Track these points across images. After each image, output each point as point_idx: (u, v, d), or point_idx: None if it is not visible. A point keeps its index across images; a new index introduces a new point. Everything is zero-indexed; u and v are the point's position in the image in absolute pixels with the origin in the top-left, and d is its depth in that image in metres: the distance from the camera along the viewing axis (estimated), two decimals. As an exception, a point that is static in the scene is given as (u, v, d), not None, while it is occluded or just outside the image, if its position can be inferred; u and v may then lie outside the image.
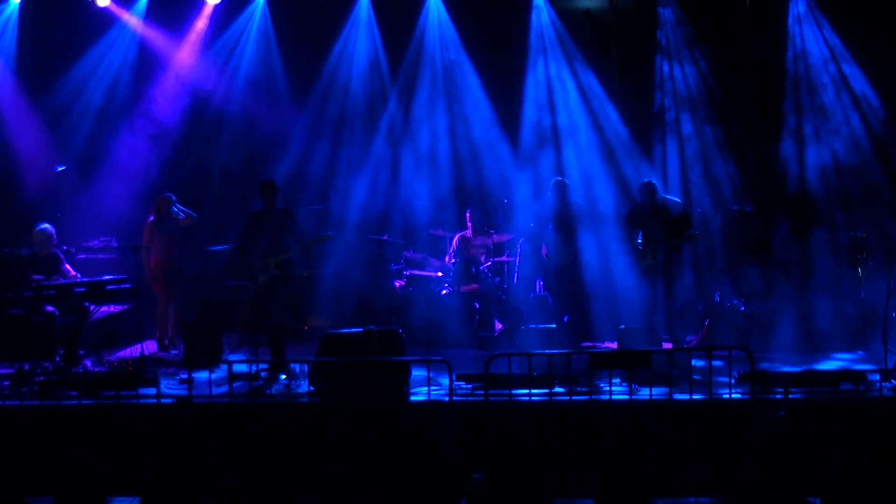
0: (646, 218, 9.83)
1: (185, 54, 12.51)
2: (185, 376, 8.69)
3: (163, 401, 8.17)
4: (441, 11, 12.44)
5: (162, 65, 12.55)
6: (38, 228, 10.01)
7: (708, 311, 10.31)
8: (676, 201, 10.17)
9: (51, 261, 10.01)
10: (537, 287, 11.15)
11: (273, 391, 8.50)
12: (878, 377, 8.06)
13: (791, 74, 11.83)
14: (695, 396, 7.91)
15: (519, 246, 11.11)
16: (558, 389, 8.09)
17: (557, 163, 11.82)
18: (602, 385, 8.23)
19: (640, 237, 9.93)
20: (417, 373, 8.54)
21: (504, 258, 11.15)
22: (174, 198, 10.78)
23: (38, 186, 12.02)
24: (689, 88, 11.96)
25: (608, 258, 10.61)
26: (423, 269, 11.28)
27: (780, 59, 11.88)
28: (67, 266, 10.09)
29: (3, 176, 12.19)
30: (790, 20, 11.90)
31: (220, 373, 8.68)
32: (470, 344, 10.61)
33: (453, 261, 11.06)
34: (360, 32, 12.55)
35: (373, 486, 7.53)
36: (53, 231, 10.07)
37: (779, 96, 11.88)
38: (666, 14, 12.13)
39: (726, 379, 8.04)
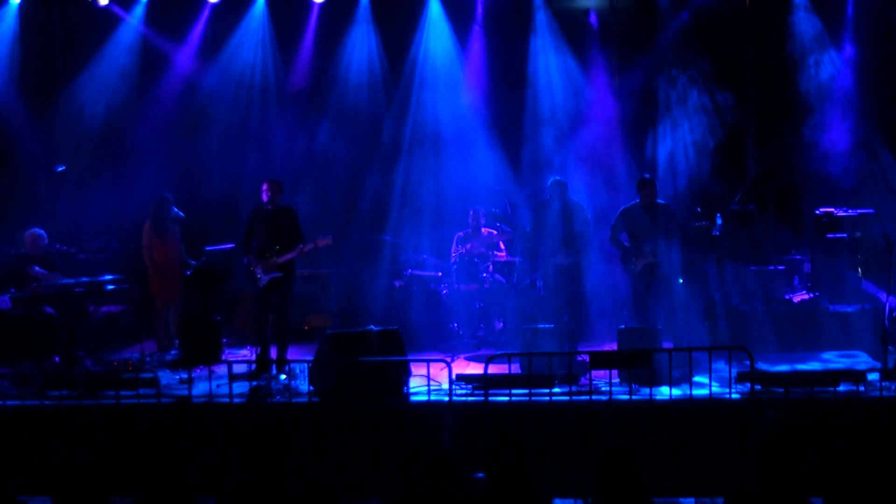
0: (641, 215, 9.85)
1: (184, 54, 12.51)
2: (185, 376, 8.69)
3: (163, 401, 8.17)
4: (441, 13, 12.45)
5: (163, 64, 12.55)
6: (28, 232, 10.14)
7: (708, 310, 10.31)
8: (665, 205, 10.19)
9: (46, 259, 10.10)
10: (538, 287, 11.14)
11: (273, 391, 8.50)
12: (878, 377, 8.06)
13: (792, 71, 11.81)
14: (695, 396, 7.91)
15: (519, 245, 11.11)
16: (558, 389, 8.09)
17: (558, 161, 11.83)
18: (602, 385, 8.23)
19: (627, 239, 9.93)
20: (417, 373, 8.53)
21: (505, 257, 11.15)
22: (171, 198, 10.80)
23: (39, 187, 12.03)
24: (690, 86, 11.95)
25: (607, 258, 10.63)
26: (423, 269, 11.28)
27: (782, 56, 11.87)
28: (58, 266, 10.20)
29: (3, 176, 12.19)
30: (792, 16, 11.91)
31: (220, 373, 8.68)
32: (470, 344, 10.61)
33: (454, 260, 11.06)
34: (361, 31, 12.56)
35: (373, 486, 7.53)
36: (44, 234, 10.17)
37: (781, 92, 11.87)
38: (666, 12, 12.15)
39: (726, 379, 8.04)
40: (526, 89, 12.36)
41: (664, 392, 8.00)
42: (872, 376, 8.07)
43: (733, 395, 7.91)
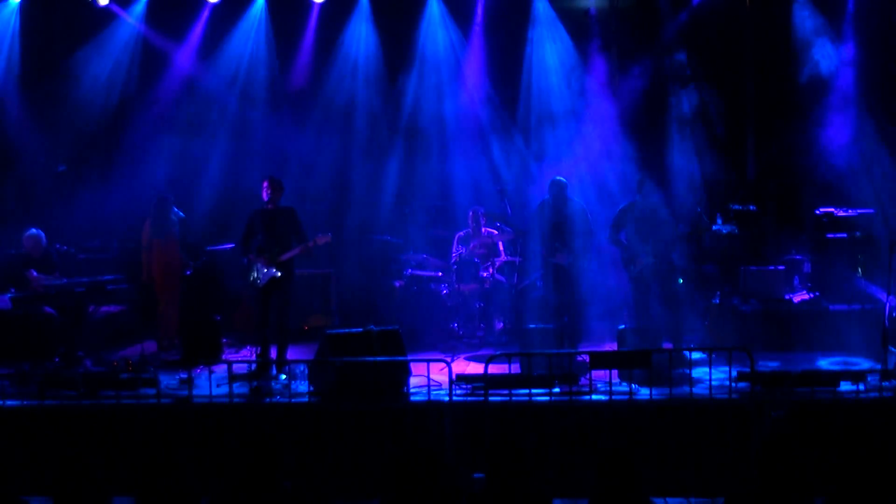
0: (641, 215, 9.84)
1: (184, 53, 12.52)
2: (185, 376, 8.69)
3: (163, 401, 8.17)
4: (441, 12, 12.45)
5: (163, 64, 12.55)
6: (27, 234, 10.16)
7: (708, 310, 10.31)
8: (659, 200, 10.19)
9: (46, 260, 10.12)
10: (537, 287, 11.14)
11: (273, 391, 8.50)
12: (877, 377, 8.06)
13: (792, 69, 11.80)
14: (695, 396, 7.91)
15: (519, 245, 11.11)
16: (558, 389, 8.09)
17: (558, 161, 11.83)
18: (602, 385, 8.23)
19: (624, 237, 9.93)
20: (417, 373, 8.53)
21: (505, 257, 11.15)
22: (171, 198, 10.80)
23: (39, 187, 12.03)
24: (690, 85, 11.95)
25: (607, 257, 10.63)
26: (423, 269, 11.28)
27: (782, 54, 11.87)
28: (59, 268, 10.21)
29: (3, 176, 12.19)
30: (792, 14, 11.89)
31: (220, 373, 8.68)
32: (470, 344, 10.61)
33: (454, 260, 11.06)
34: (361, 30, 12.56)
35: (373, 486, 7.53)
36: (42, 234, 10.18)
37: (781, 91, 11.87)
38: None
39: (726, 379, 8.04)
40: (526, 89, 12.37)
41: (664, 392, 7.99)
42: (872, 376, 8.06)
43: (733, 395, 7.91)
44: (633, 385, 8.17)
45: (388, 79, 12.62)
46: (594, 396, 8.02)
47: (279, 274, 9.35)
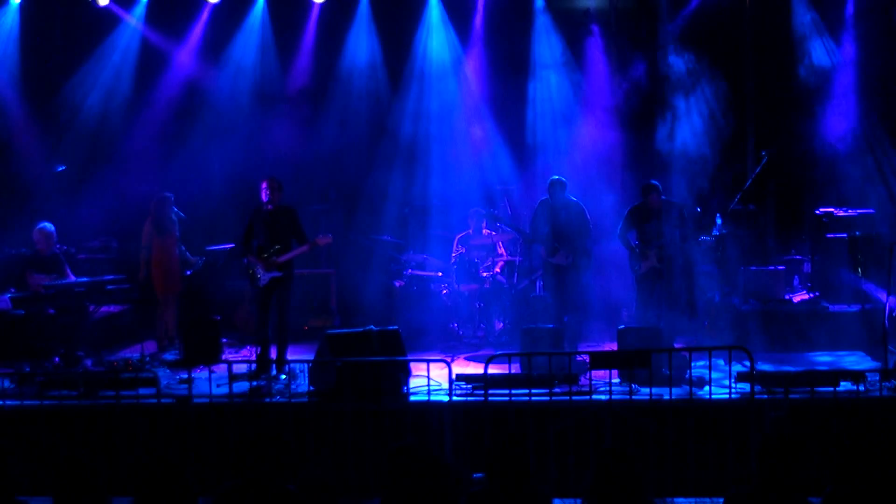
0: (646, 218, 9.83)
1: (184, 54, 12.52)
2: (185, 376, 8.69)
3: (163, 401, 8.16)
4: (441, 13, 12.46)
5: (163, 64, 12.56)
6: (38, 227, 10.11)
7: (708, 311, 10.31)
8: (674, 203, 10.17)
9: (53, 260, 10.11)
10: (537, 287, 11.16)
11: (273, 391, 8.50)
12: (877, 377, 8.06)
13: (792, 68, 11.80)
14: (695, 396, 7.91)
15: (519, 245, 11.11)
16: (558, 389, 8.09)
17: (558, 161, 11.84)
18: (602, 385, 8.23)
19: (635, 238, 9.92)
20: (417, 373, 8.53)
21: (505, 257, 11.15)
22: (172, 198, 10.80)
23: (38, 187, 12.03)
24: (690, 85, 11.95)
25: (607, 257, 10.63)
26: (423, 269, 11.28)
27: (781, 54, 11.87)
28: (67, 268, 10.18)
29: (3, 176, 12.20)
30: (791, 14, 11.89)
31: (220, 373, 8.67)
32: (470, 344, 10.61)
33: (454, 260, 11.06)
34: (361, 30, 12.57)
35: (373, 486, 7.53)
36: (54, 230, 10.15)
37: (781, 90, 11.87)
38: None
39: (726, 379, 8.04)
40: (526, 89, 12.37)
41: (664, 392, 7.99)
42: (872, 376, 8.06)
43: (733, 395, 7.91)
44: (633, 385, 8.16)
45: (388, 78, 12.63)
46: (594, 396, 8.02)
47: (279, 274, 9.35)
